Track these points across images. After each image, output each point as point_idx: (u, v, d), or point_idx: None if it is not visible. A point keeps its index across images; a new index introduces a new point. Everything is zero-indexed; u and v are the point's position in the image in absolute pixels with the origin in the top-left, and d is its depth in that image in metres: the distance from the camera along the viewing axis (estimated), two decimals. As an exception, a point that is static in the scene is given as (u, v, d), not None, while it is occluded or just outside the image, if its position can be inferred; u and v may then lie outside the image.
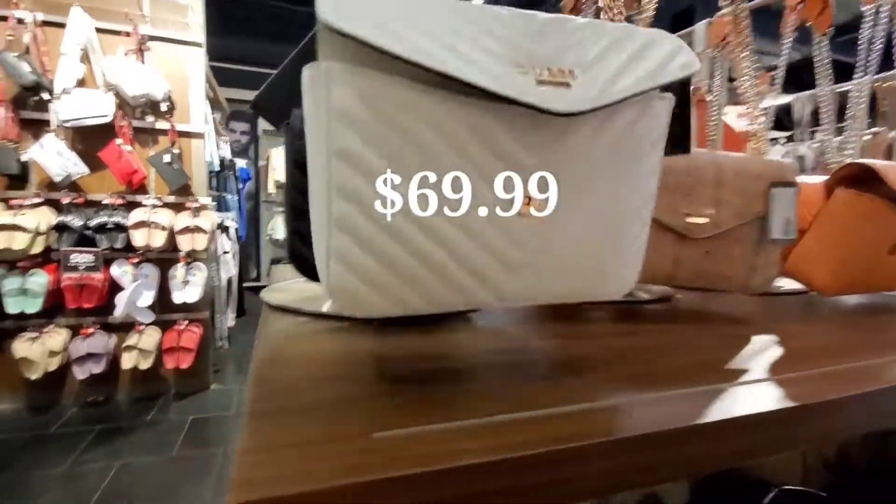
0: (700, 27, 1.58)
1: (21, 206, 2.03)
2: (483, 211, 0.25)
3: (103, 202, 2.18)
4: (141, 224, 2.14)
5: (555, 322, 0.45)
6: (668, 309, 0.56)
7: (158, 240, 2.15)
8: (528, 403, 0.25)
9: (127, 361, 2.19)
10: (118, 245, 2.15)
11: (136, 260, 2.21)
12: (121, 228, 2.14)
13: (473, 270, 0.25)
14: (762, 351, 0.36)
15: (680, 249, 0.49)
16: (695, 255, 0.49)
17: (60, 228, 2.07)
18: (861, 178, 0.56)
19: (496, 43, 0.23)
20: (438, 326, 0.40)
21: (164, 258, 2.26)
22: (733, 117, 1.37)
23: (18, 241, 1.99)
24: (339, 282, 0.24)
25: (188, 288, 2.30)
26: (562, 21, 0.25)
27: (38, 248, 2.04)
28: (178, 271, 2.27)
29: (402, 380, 0.29)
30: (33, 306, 2.04)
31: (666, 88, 0.28)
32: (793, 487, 0.64)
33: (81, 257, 2.08)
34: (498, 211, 0.25)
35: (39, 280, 2.05)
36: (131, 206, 2.20)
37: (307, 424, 0.23)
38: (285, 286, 0.59)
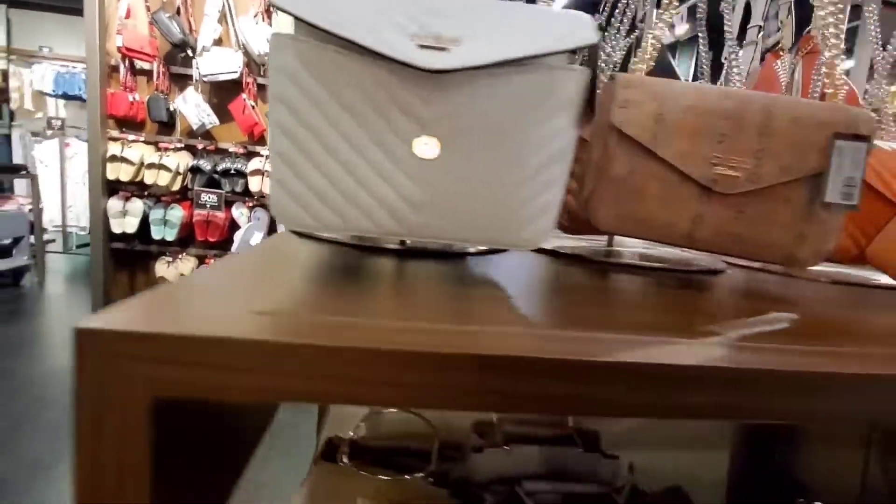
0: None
1: (167, 149, 2.41)
2: (386, 149, 0.31)
3: (229, 150, 2.50)
4: (257, 172, 2.43)
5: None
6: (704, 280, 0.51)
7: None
8: (451, 318, 0.29)
9: (238, 289, 2.55)
10: (238, 189, 2.47)
11: (251, 204, 2.52)
12: (241, 174, 2.46)
13: (380, 200, 0.32)
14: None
15: (703, 206, 0.43)
16: (723, 215, 0.42)
17: (194, 171, 2.43)
18: None
19: (403, 17, 0.29)
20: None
21: (274, 204, 2.55)
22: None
23: (163, 178, 2.38)
24: (277, 200, 0.32)
25: (291, 232, 2.58)
26: (464, 2, 0.30)
27: (176, 186, 2.43)
28: (284, 216, 2.56)
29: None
30: (171, 235, 2.45)
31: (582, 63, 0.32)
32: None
33: (209, 197, 2.43)
34: (397, 150, 0.31)
35: (177, 213, 2.44)
36: (251, 155, 2.51)
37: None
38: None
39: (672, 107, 0.42)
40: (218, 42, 2.37)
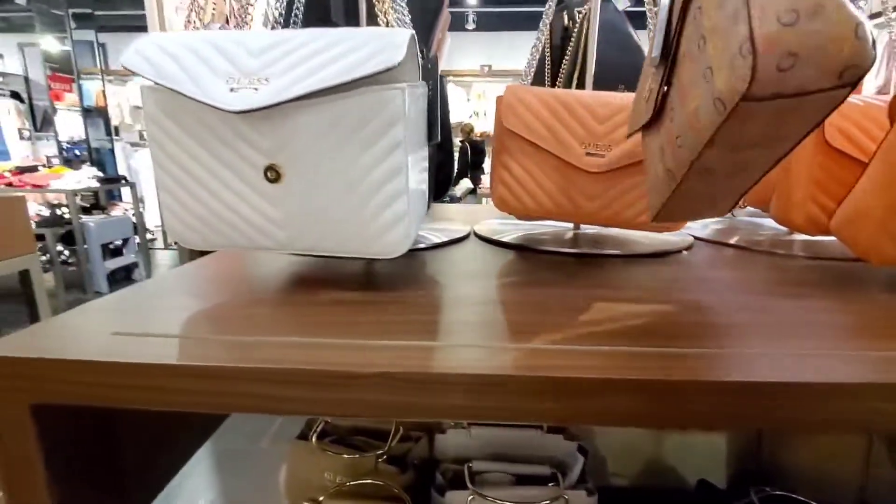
0: None
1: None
2: (241, 176, 0.35)
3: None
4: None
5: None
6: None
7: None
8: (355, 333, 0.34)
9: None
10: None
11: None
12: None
13: (247, 220, 0.36)
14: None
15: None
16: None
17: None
18: None
19: (227, 63, 0.33)
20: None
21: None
22: None
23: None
24: (168, 223, 0.38)
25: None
26: (281, 40, 0.33)
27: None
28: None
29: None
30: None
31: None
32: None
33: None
34: (251, 177, 0.35)
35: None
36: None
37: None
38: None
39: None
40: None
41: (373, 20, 0.57)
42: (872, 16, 2.45)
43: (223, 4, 2.48)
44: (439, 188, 0.60)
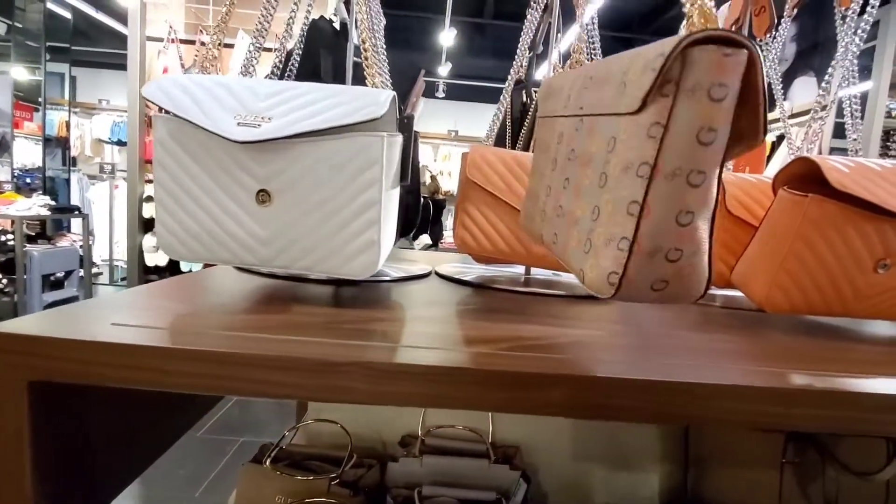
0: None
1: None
2: (234, 197, 0.40)
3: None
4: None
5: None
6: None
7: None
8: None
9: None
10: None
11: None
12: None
13: (233, 237, 0.41)
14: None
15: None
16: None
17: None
18: (810, 176, 0.46)
19: (236, 102, 0.39)
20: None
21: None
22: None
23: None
24: (160, 236, 0.42)
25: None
26: (286, 88, 0.40)
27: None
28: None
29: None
30: (196, 267, 2.64)
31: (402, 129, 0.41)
32: None
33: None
34: (243, 199, 0.40)
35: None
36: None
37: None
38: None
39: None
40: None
41: (357, 81, 0.65)
42: (792, 115, 2.80)
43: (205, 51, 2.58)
44: (406, 227, 0.67)
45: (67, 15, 5.15)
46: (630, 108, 0.28)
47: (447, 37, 5.63)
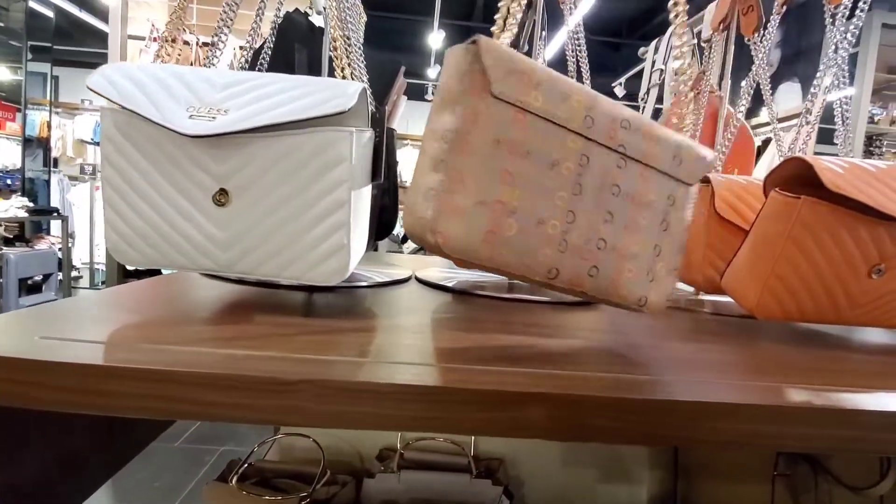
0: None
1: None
2: (190, 197, 0.37)
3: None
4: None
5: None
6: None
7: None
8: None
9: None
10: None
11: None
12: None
13: (189, 240, 0.38)
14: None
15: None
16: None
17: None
18: (803, 178, 0.44)
19: (189, 94, 0.36)
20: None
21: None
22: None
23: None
24: (109, 239, 0.38)
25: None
26: (246, 79, 0.37)
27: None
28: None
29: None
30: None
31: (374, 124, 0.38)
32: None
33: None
34: (199, 198, 0.37)
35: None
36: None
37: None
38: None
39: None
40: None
41: (334, 76, 0.61)
42: (781, 119, 2.81)
43: (189, 52, 2.53)
44: (382, 230, 0.64)
45: (50, 14, 5.05)
46: (689, 180, 0.39)
47: (436, 39, 5.62)
